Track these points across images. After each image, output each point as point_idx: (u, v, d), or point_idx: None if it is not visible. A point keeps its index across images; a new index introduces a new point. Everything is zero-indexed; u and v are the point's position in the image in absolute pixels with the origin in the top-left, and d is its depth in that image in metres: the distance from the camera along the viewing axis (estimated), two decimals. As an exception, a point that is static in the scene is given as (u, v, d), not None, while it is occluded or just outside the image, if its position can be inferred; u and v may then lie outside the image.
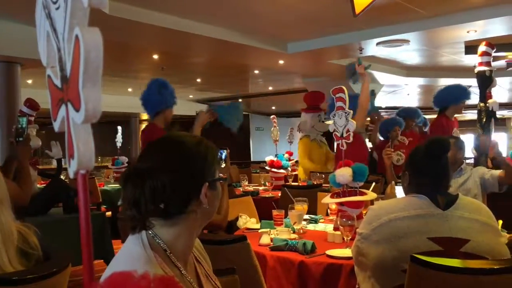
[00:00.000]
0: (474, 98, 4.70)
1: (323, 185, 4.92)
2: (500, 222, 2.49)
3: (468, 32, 5.63)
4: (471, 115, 5.35)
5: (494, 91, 4.66)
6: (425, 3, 4.91)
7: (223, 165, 2.90)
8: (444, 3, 4.83)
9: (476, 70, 4.54)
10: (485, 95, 4.48)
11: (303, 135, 6.02)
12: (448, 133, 4.35)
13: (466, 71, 7.98)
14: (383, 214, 1.82)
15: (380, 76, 8.87)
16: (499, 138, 8.69)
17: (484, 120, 4.47)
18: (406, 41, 5.87)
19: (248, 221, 3.12)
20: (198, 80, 9.85)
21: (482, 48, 4.47)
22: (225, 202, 2.77)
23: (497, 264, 1.59)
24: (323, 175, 5.20)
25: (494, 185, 3.23)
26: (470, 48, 5.93)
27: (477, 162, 4.49)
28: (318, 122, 5.56)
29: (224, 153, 2.92)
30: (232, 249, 1.93)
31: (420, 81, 9.44)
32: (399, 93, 11.04)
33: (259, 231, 2.75)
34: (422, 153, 1.92)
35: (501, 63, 6.79)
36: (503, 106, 12.35)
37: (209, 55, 7.32)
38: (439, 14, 5.23)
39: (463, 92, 4.58)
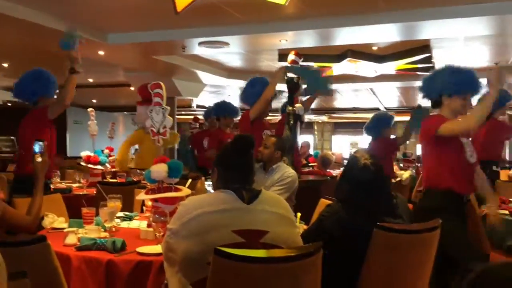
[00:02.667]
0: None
1: (141, 182, 4.83)
2: (299, 215, 2.76)
3: (280, 40, 6.13)
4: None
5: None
6: (243, 9, 5.18)
7: (39, 159, 2.59)
8: (259, 11, 5.16)
9: (285, 77, 4.97)
10: (293, 100, 4.92)
11: (138, 128, 6.10)
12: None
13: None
14: (192, 209, 1.86)
15: (203, 76, 9.10)
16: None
17: (291, 122, 4.92)
18: (226, 44, 6.12)
19: (55, 221, 2.89)
20: (5, 64, 8.79)
21: (291, 57, 4.91)
22: (37, 202, 2.46)
23: (292, 252, 1.75)
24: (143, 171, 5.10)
25: None
26: (283, 56, 6.47)
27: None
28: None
29: (39, 146, 2.60)
30: (28, 251, 1.77)
31: (241, 83, 9.92)
32: (221, 93, 11.47)
33: (65, 230, 2.57)
34: (229, 149, 2.02)
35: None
36: (311, 111, 13.82)
37: (18, 38, 6.58)
38: (255, 21, 5.56)
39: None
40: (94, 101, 13.80)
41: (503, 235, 3.53)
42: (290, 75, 4.94)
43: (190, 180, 3.14)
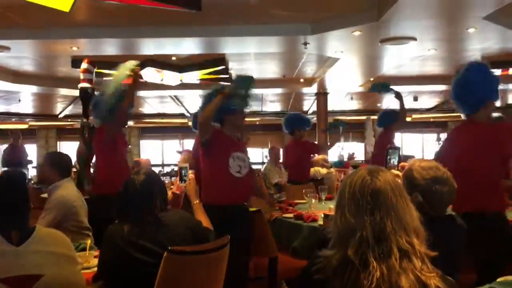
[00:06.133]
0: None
1: None
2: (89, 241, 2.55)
3: (71, 47, 5.77)
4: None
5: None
6: (25, 14, 4.74)
7: None
8: (44, 17, 4.74)
9: (79, 86, 4.64)
10: (87, 112, 4.57)
11: None
12: None
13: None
14: None
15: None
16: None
17: (86, 135, 4.59)
18: (6, 48, 5.51)
19: None
20: None
21: (83, 65, 4.61)
22: None
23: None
24: None
25: None
26: (76, 62, 6.10)
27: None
28: None
29: None
30: None
31: (34, 89, 9.09)
32: (9, 98, 10.45)
33: None
34: None
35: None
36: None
37: None
38: (40, 26, 5.15)
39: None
40: None
41: (289, 238, 3.80)
42: (83, 85, 4.62)
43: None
